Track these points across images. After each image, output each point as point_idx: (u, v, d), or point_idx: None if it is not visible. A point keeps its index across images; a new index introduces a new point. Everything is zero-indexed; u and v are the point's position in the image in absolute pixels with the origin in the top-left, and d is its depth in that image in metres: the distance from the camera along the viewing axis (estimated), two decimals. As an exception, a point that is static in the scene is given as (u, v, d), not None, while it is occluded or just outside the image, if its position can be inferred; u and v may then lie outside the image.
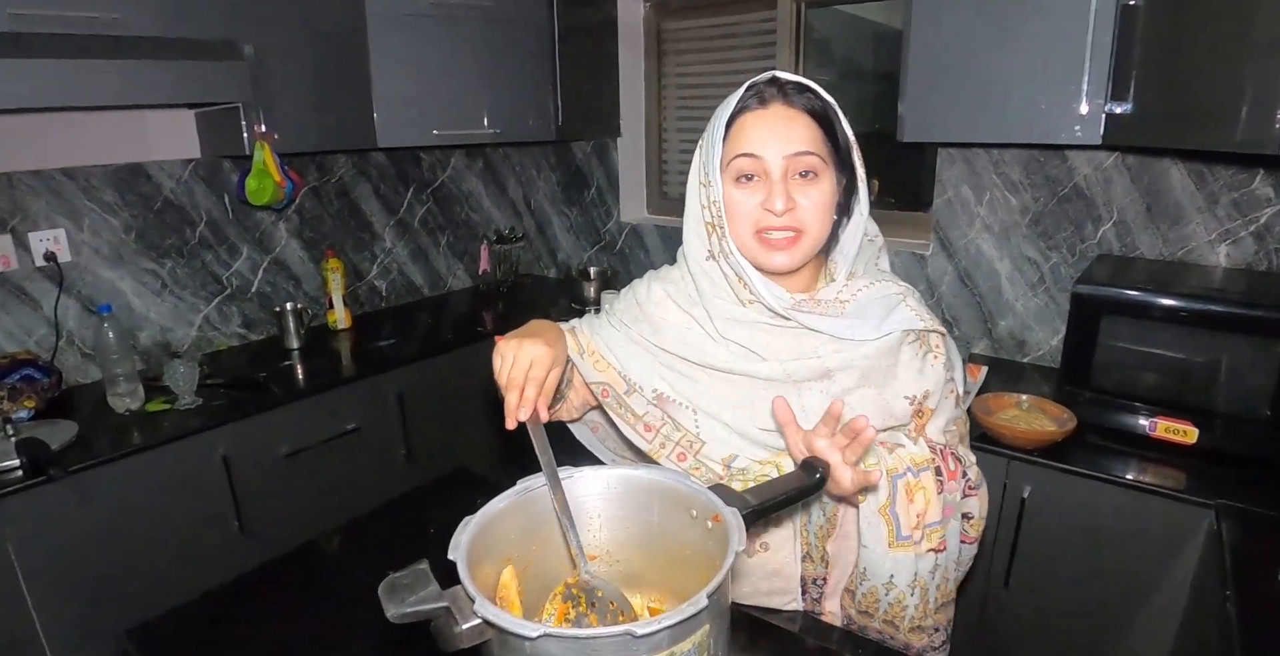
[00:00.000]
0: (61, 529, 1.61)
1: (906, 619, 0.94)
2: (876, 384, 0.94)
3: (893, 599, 0.93)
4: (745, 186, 0.90)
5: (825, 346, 0.94)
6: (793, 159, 0.88)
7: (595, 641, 0.60)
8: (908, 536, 0.90)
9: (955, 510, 0.94)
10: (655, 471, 0.83)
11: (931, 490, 0.90)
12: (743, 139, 0.89)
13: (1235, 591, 1.14)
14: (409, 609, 0.61)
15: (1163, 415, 1.58)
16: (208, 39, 1.82)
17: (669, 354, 1.00)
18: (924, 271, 2.24)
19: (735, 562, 0.66)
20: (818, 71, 2.53)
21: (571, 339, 1.03)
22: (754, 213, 0.89)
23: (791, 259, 0.90)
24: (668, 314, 1.01)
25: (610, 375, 1.02)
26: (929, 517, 0.91)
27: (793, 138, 0.88)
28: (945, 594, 0.97)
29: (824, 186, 0.89)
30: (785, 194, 0.87)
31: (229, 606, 1.08)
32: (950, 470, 0.93)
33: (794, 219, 0.88)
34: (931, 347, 0.97)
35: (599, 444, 1.18)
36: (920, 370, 0.96)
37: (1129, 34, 1.50)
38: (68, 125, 1.97)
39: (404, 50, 2.22)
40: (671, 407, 0.99)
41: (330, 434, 2.08)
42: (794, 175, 0.88)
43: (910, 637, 0.96)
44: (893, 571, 0.92)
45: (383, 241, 2.76)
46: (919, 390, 0.95)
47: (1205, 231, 1.81)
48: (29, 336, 1.97)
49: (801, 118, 0.89)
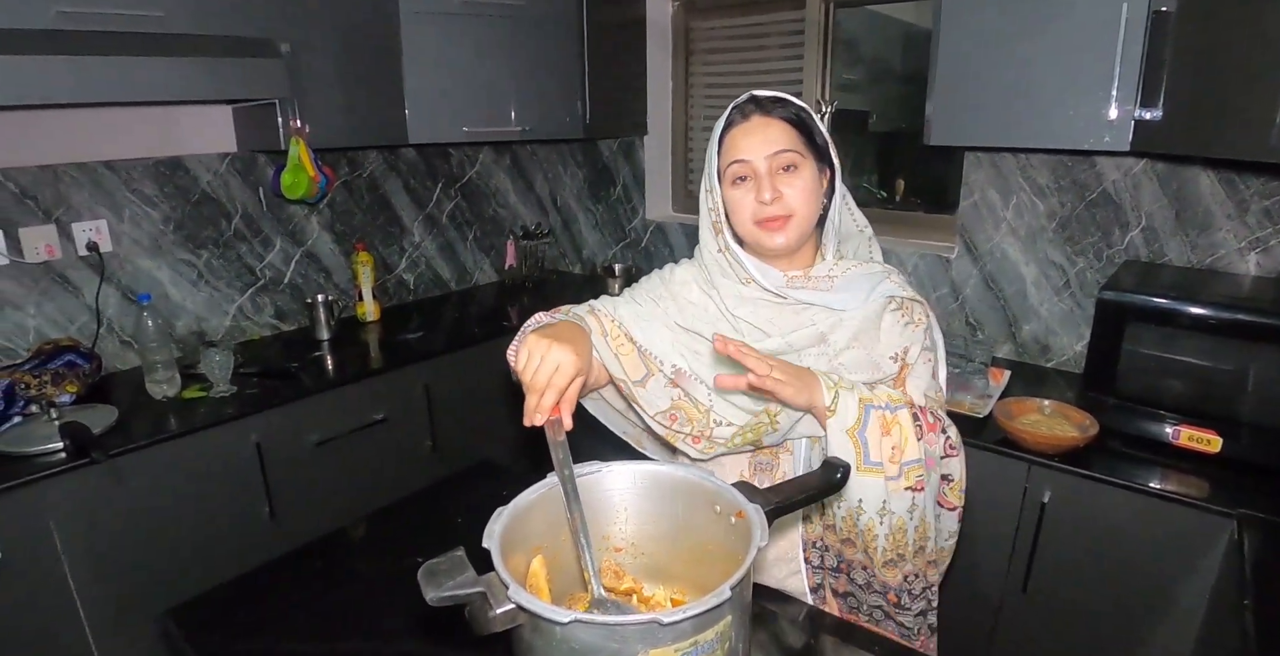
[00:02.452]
0: (101, 511, 1.67)
1: (879, 550, 1.02)
2: (864, 345, 1.07)
3: (864, 525, 1.01)
4: (740, 187, 1.04)
5: (819, 315, 1.07)
6: (773, 157, 1.02)
7: (623, 628, 0.62)
8: (877, 463, 0.98)
9: (936, 464, 1.03)
10: (681, 468, 0.86)
11: (909, 429, 0.99)
12: (732, 149, 1.04)
13: (1255, 602, 1.13)
14: (446, 592, 0.64)
15: (1187, 423, 1.57)
16: (246, 36, 1.87)
17: (688, 332, 1.11)
18: (948, 274, 2.24)
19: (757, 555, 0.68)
20: (845, 71, 2.54)
21: (594, 320, 1.10)
22: (750, 206, 1.04)
23: (787, 238, 1.03)
24: (690, 294, 1.15)
25: (630, 360, 1.10)
26: (907, 455, 0.99)
27: (770, 140, 1.02)
28: (923, 537, 1.04)
29: (805, 175, 1.03)
30: (771, 186, 1.02)
31: (263, 589, 1.12)
32: (929, 423, 1.02)
33: (783, 205, 1.02)
34: (914, 318, 1.09)
35: (614, 416, 1.24)
36: (900, 332, 1.08)
37: (1160, 40, 1.49)
38: (110, 119, 2.03)
39: (435, 48, 2.26)
40: (687, 383, 1.09)
41: (359, 424, 2.12)
42: (778, 170, 1.02)
43: (886, 574, 1.04)
44: (860, 496, 1.00)
45: (411, 235, 2.80)
46: (900, 347, 1.08)
47: (1235, 239, 1.79)
48: (71, 323, 2.04)
49: (777, 123, 1.03)
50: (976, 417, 1.78)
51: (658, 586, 0.88)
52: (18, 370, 1.79)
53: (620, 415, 1.23)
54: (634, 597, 0.85)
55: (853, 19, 2.48)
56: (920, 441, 1.00)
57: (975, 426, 1.74)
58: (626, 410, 1.22)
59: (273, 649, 0.98)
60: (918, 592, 1.06)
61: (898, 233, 2.44)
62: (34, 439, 1.64)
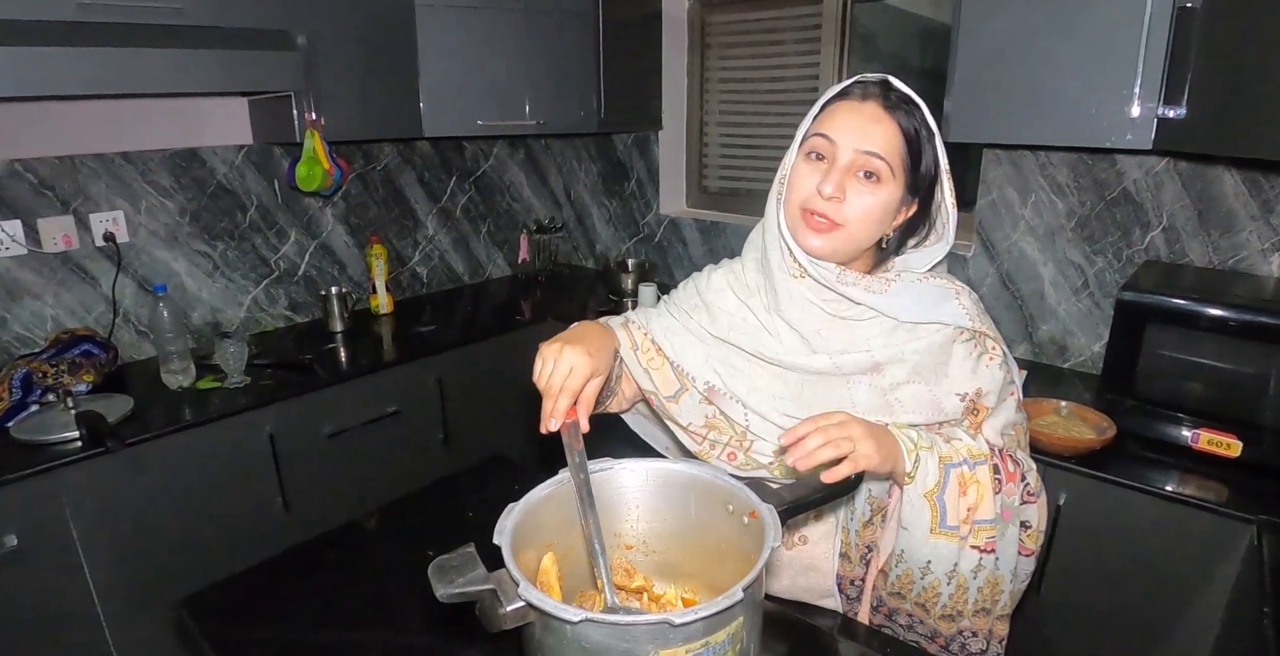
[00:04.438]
0: (116, 499, 1.68)
1: (939, 605, 0.95)
2: (926, 380, 0.95)
3: (927, 583, 0.94)
4: (812, 163, 0.91)
5: (876, 340, 0.95)
6: (862, 155, 0.88)
7: (634, 628, 0.62)
8: (954, 527, 0.90)
9: (1014, 515, 0.94)
10: (694, 466, 0.85)
11: (987, 486, 0.90)
12: (829, 121, 0.91)
13: (1274, 609, 1.12)
14: (457, 589, 0.64)
15: (1206, 427, 1.55)
16: (263, 29, 1.87)
17: (725, 344, 1.02)
18: (965, 272, 2.22)
19: (771, 557, 0.67)
20: (862, 66, 2.51)
21: (625, 333, 1.06)
22: (808, 189, 0.90)
23: (823, 245, 0.91)
24: (725, 302, 1.04)
25: (662, 375, 1.04)
26: (981, 513, 0.91)
27: (872, 135, 0.88)
28: (988, 598, 0.95)
29: (881, 195, 0.89)
30: (839, 182, 0.88)
31: (276, 579, 1.12)
32: (1009, 472, 0.93)
33: (837, 210, 0.89)
34: (987, 349, 0.97)
35: (654, 429, 1.19)
36: (974, 370, 0.96)
37: (1184, 37, 1.47)
38: (128, 111, 2.04)
39: (451, 41, 2.26)
40: (721, 401, 1.01)
41: (372, 416, 2.13)
42: (858, 172, 0.89)
43: (940, 624, 0.96)
44: (930, 557, 0.92)
45: (425, 229, 2.81)
46: (971, 388, 0.95)
47: (1258, 240, 1.77)
48: (88, 313, 2.05)
49: (890, 124, 0.89)
50: (991, 418, 1.76)
51: (669, 585, 0.88)
52: (35, 359, 1.81)
53: (660, 428, 1.18)
54: (644, 596, 0.85)
55: (870, 13, 2.46)
56: (998, 495, 0.91)
57: (990, 427, 1.73)
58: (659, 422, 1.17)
59: (285, 639, 0.98)
60: (975, 651, 0.98)
61: (914, 230, 2.42)
62: (51, 427, 1.66)
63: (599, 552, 0.75)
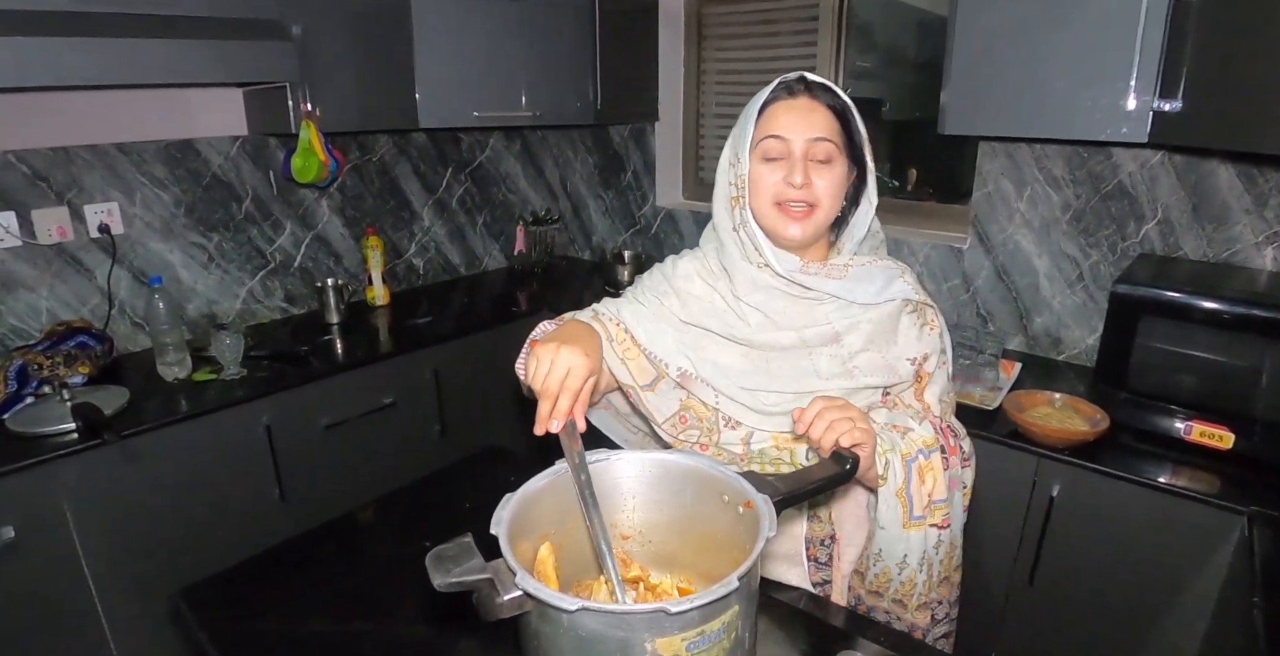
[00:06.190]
0: (113, 491, 1.68)
1: (915, 596, 1.01)
2: (879, 348, 1.05)
3: (904, 578, 1.00)
4: (770, 164, 1.01)
5: (834, 313, 1.05)
6: (812, 143, 0.99)
7: (630, 616, 0.62)
8: (920, 516, 0.98)
9: (959, 483, 1.03)
10: (690, 457, 0.86)
11: (939, 469, 0.99)
12: (772, 123, 1.00)
13: (1265, 600, 1.13)
14: (454, 579, 0.65)
15: (1199, 419, 1.56)
16: (258, 19, 1.86)
17: (695, 328, 1.09)
18: (960, 265, 2.22)
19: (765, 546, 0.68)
20: (859, 58, 2.51)
21: (598, 325, 1.09)
22: (776, 186, 1.00)
23: (804, 231, 1.01)
24: (694, 287, 1.11)
25: (637, 365, 1.09)
26: (936, 495, 0.99)
27: (814, 125, 0.99)
28: (948, 567, 1.04)
29: (837, 171, 1.01)
30: (804, 171, 0.99)
31: (273, 570, 1.13)
32: (950, 446, 1.02)
33: (809, 194, 0.99)
34: (927, 320, 1.08)
35: (615, 423, 1.23)
36: (918, 337, 1.07)
37: (1181, 30, 1.46)
38: (122, 101, 2.03)
39: (446, 32, 2.24)
40: (693, 384, 1.07)
41: (368, 408, 2.13)
42: (812, 158, 0.99)
43: (916, 616, 1.02)
44: (906, 551, 0.99)
45: (421, 220, 2.80)
46: (918, 352, 1.06)
47: (1252, 233, 1.77)
48: (84, 305, 2.05)
49: (823, 110, 1.00)
50: (987, 410, 1.77)
51: (664, 574, 0.89)
52: (31, 351, 1.80)
53: (623, 420, 1.22)
54: (641, 585, 0.86)
55: (866, 5, 2.45)
56: (946, 472, 0.99)
57: (985, 419, 1.73)
58: (630, 414, 1.20)
59: (282, 629, 0.99)
60: (940, 618, 1.05)
61: (909, 222, 2.43)
62: (46, 419, 1.66)
63: (606, 553, 0.75)
